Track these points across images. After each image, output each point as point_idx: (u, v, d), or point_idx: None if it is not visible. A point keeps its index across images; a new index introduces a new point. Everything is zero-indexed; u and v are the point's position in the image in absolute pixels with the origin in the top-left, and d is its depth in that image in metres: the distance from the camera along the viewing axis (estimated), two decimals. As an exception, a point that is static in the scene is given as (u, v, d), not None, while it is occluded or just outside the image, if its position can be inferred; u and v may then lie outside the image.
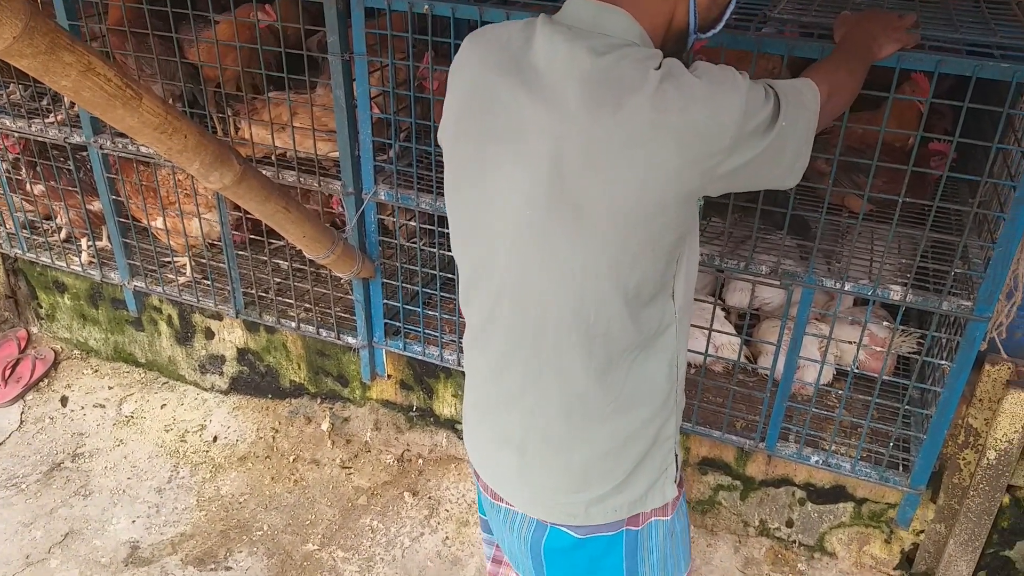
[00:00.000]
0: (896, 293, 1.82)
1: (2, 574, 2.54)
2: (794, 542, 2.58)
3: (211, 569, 2.55)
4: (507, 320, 1.21)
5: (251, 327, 3.05)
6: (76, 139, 2.57)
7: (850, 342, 2.08)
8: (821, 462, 2.09)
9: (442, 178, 2.19)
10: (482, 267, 1.23)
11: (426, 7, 1.95)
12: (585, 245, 1.10)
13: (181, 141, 1.47)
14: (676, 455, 1.32)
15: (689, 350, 2.16)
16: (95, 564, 2.58)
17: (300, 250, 2.13)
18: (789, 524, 2.57)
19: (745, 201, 1.93)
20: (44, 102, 2.77)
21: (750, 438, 2.13)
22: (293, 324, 2.56)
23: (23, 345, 3.52)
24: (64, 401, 3.26)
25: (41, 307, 3.50)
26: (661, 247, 1.11)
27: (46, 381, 3.37)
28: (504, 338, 1.23)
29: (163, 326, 3.21)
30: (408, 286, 2.44)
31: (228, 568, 2.56)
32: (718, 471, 2.58)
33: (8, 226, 2.98)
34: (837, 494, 2.47)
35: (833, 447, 2.10)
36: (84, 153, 2.70)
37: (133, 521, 2.73)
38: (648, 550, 1.32)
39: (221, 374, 3.22)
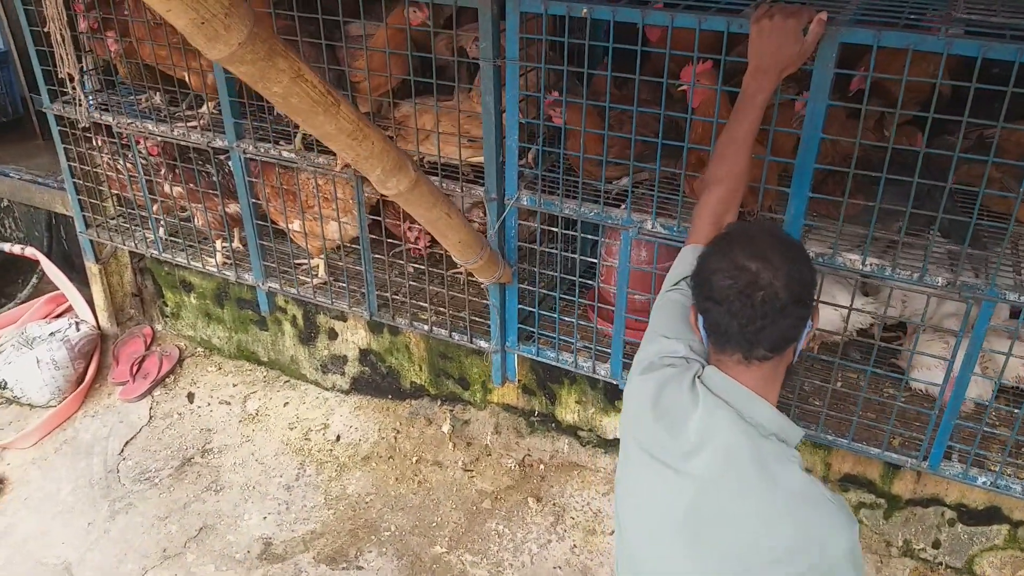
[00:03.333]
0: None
1: (141, 567, 2.62)
2: (940, 564, 2.47)
3: (343, 568, 2.58)
4: None
5: (374, 328, 3.08)
6: (219, 143, 2.63)
7: (1018, 356, 1.98)
8: (989, 483, 1.99)
9: (577, 182, 2.18)
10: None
11: (584, 11, 1.92)
12: None
13: (369, 147, 1.48)
14: None
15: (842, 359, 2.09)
16: (230, 559, 2.64)
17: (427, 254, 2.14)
18: (936, 545, 2.46)
19: (902, 205, 1.84)
20: (184, 106, 2.84)
21: (911, 456, 2.04)
22: (425, 327, 2.57)
23: (148, 342, 3.63)
24: (191, 397, 3.36)
25: (167, 305, 3.61)
26: None
27: (172, 378, 3.47)
28: None
29: (287, 326, 3.27)
30: (544, 291, 2.43)
31: (360, 568, 2.58)
32: (861, 488, 2.48)
33: (147, 227, 3.07)
34: (991, 515, 2.35)
35: (1004, 468, 2.00)
36: (222, 156, 2.77)
37: (264, 517, 2.78)
38: None
39: (343, 374, 3.26)
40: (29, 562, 2.62)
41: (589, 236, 2.50)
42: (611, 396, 2.75)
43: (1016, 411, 1.90)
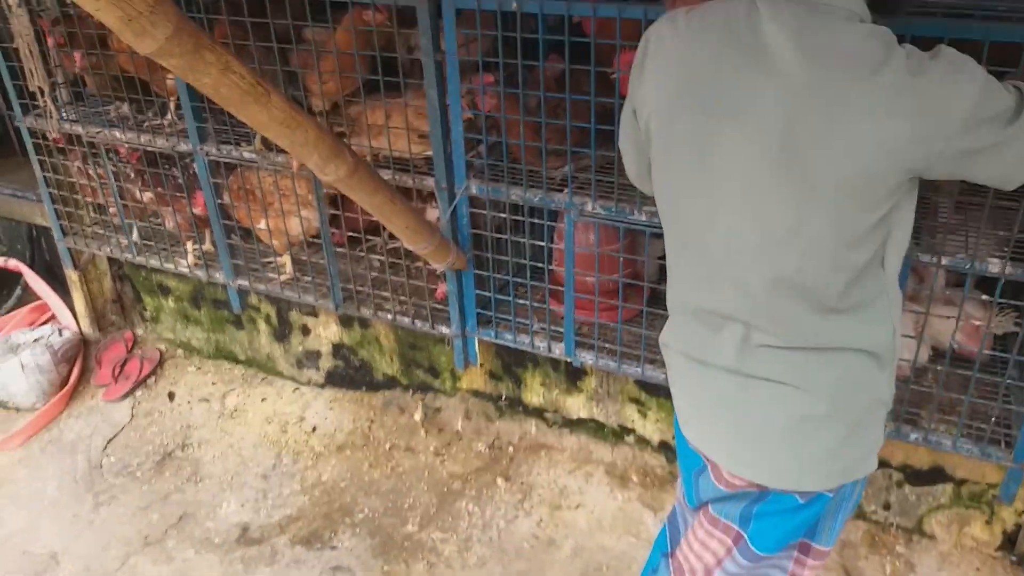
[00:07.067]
0: (995, 266, 1.82)
1: (124, 552, 2.72)
2: (891, 525, 2.57)
3: (318, 548, 2.68)
4: (721, 278, 1.29)
5: (345, 323, 3.19)
6: (183, 147, 2.74)
7: (948, 317, 2.09)
8: (921, 439, 2.08)
9: (527, 171, 2.28)
10: (696, 236, 1.31)
11: (515, 4, 2.03)
12: (809, 211, 1.17)
13: (303, 135, 1.59)
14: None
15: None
16: (209, 544, 2.74)
17: (391, 248, 2.23)
18: (886, 507, 2.56)
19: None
20: (151, 114, 2.95)
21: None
22: (389, 316, 2.67)
23: (130, 346, 3.74)
24: (171, 396, 3.46)
25: (146, 310, 3.71)
26: (876, 215, 1.17)
27: (153, 379, 3.57)
28: (715, 301, 1.32)
29: (262, 324, 3.38)
30: (498, 276, 2.53)
31: (334, 548, 2.68)
32: (810, 453, 2.58)
33: (120, 233, 3.17)
34: (935, 475, 2.45)
35: (933, 425, 2.10)
36: (187, 160, 2.87)
37: (242, 505, 2.88)
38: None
39: (317, 368, 3.37)
40: (15, 553, 2.72)
41: (547, 223, 2.60)
42: (572, 377, 2.85)
43: (939, 368, 2.00)
